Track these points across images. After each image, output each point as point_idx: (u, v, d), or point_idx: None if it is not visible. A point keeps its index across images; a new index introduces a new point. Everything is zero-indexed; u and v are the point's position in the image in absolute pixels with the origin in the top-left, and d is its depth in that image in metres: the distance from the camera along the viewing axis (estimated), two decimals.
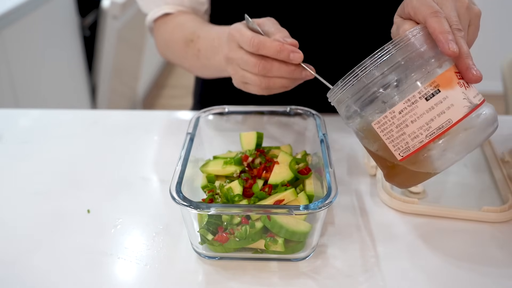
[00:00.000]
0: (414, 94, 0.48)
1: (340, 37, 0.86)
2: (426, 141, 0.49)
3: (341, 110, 0.55)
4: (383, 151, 0.52)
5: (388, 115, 0.50)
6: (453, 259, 0.58)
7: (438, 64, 0.49)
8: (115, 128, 0.89)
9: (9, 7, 1.56)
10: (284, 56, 0.60)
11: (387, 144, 0.51)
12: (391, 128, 0.50)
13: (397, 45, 0.49)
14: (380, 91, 0.50)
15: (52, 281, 0.56)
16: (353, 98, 0.52)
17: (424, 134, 0.49)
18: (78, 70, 2.12)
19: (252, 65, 0.61)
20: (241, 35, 0.62)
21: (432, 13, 0.50)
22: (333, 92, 0.54)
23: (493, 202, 0.67)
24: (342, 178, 0.73)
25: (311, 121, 0.70)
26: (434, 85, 0.48)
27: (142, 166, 0.77)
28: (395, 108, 0.49)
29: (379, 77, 0.49)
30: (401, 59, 0.49)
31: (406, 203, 0.66)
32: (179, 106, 2.85)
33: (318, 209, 0.52)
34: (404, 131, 0.49)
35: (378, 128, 0.51)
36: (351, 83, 0.51)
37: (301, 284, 0.55)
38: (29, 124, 0.91)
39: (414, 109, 0.49)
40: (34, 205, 0.68)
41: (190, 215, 0.56)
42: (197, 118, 0.70)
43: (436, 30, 0.49)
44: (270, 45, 0.59)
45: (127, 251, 0.60)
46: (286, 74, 0.62)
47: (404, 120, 0.49)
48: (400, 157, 0.51)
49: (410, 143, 0.50)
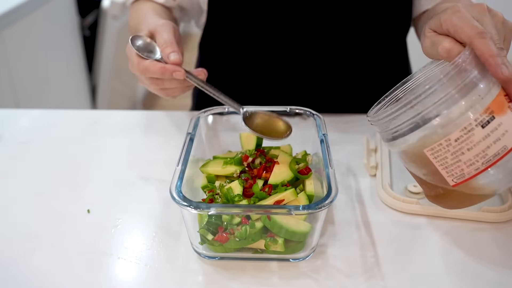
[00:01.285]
0: (471, 122, 0.48)
1: (334, 38, 0.86)
2: (482, 168, 0.49)
3: (386, 134, 0.54)
4: (433, 176, 0.52)
5: (443, 143, 0.49)
6: (453, 259, 0.58)
7: (488, 89, 0.49)
8: (115, 128, 0.89)
9: (9, 7, 1.56)
10: (168, 76, 0.65)
11: (439, 170, 0.51)
12: (446, 155, 0.49)
13: (449, 72, 0.48)
14: (435, 119, 0.49)
15: (52, 281, 0.56)
16: (404, 125, 0.51)
17: (481, 161, 0.48)
18: (78, 70, 2.12)
19: (148, 84, 0.69)
20: (130, 60, 0.69)
21: (477, 34, 0.49)
22: (379, 117, 0.53)
23: (493, 202, 0.67)
24: (342, 178, 0.73)
25: (311, 121, 0.70)
26: (489, 112, 0.48)
27: (142, 166, 0.77)
28: (451, 136, 0.49)
29: (433, 106, 0.48)
30: (454, 87, 0.48)
31: (406, 203, 0.66)
32: (179, 106, 2.85)
33: (318, 209, 0.52)
34: (459, 159, 0.49)
35: (431, 155, 0.50)
36: (403, 110, 0.50)
37: (301, 284, 0.55)
38: (29, 124, 0.91)
39: (470, 137, 0.48)
40: (34, 205, 0.68)
41: (190, 215, 0.56)
42: (197, 118, 0.70)
43: (485, 54, 0.48)
44: (153, 69, 0.65)
45: (127, 251, 0.60)
46: (178, 85, 0.68)
47: (460, 148, 0.49)
48: (453, 183, 0.51)
49: (465, 170, 0.49)
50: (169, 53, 0.65)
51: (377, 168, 0.74)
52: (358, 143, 0.82)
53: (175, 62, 0.65)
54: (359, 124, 0.87)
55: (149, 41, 0.69)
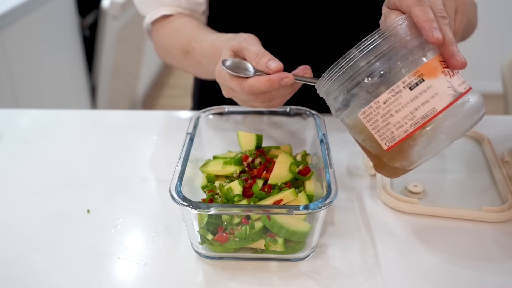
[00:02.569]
0: (398, 84, 0.48)
1: (334, 38, 0.86)
2: (411, 130, 0.49)
3: (330, 102, 0.55)
4: (370, 142, 0.52)
5: (373, 105, 0.50)
6: (453, 259, 0.58)
7: (422, 53, 0.49)
8: (115, 128, 0.89)
9: (9, 7, 1.56)
10: (277, 87, 0.60)
11: (373, 134, 0.51)
12: (377, 118, 0.50)
13: (382, 34, 0.49)
14: (365, 81, 0.50)
15: (52, 281, 0.56)
16: (339, 89, 0.52)
17: (409, 123, 0.49)
18: (78, 70, 2.12)
19: (254, 99, 0.63)
20: (228, 82, 0.63)
21: (416, 2, 0.50)
22: (320, 84, 0.54)
23: (493, 202, 0.67)
24: (342, 178, 0.73)
25: (311, 121, 0.70)
26: (418, 75, 0.48)
27: (142, 166, 0.77)
28: (379, 98, 0.49)
29: (363, 67, 0.49)
30: (385, 48, 0.49)
31: (406, 203, 0.66)
32: (179, 106, 2.85)
33: (318, 209, 0.52)
34: (389, 121, 0.49)
35: (364, 119, 0.51)
36: (336, 74, 0.51)
37: (301, 284, 0.55)
38: (29, 124, 0.91)
39: (398, 99, 0.49)
40: (34, 205, 0.68)
41: (190, 215, 0.56)
42: (197, 118, 0.70)
43: (420, 19, 0.49)
44: (259, 86, 0.60)
45: (127, 251, 0.60)
46: (286, 91, 0.63)
47: (389, 110, 0.49)
48: (386, 147, 0.51)
49: (395, 133, 0.50)
50: (266, 62, 0.60)
51: None
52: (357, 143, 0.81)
53: (277, 69, 0.60)
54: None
55: (238, 60, 0.63)
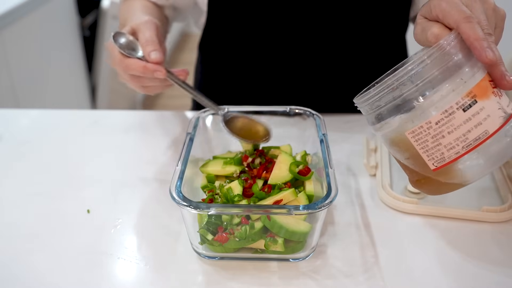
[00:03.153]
0: (452, 105, 0.47)
1: (334, 38, 0.86)
2: (462, 153, 0.48)
3: (370, 116, 0.54)
4: (414, 160, 0.52)
5: (424, 126, 0.49)
6: (453, 259, 0.58)
7: (473, 73, 0.48)
8: (115, 128, 0.89)
9: (9, 7, 1.56)
10: (149, 75, 0.65)
11: (420, 154, 0.50)
12: (426, 138, 0.49)
13: (433, 54, 0.48)
14: (416, 101, 0.49)
15: (52, 281, 0.56)
16: (387, 107, 0.51)
17: (461, 145, 0.48)
18: (78, 70, 2.12)
19: (128, 80, 0.69)
20: (112, 56, 0.69)
21: (465, 18, 0.49)
22: (364, 99, 0.53)
23: (493, 202, 0.67)
24: (342, 178, 0.73)
25: (311, 121, 0.70)
26: (471, 96, 0.47)
27: (142, 166, 0.77)
28: (431, 119, 0.48)
29: (416, 87, 0.48)
30: (439, 68, 0.48)
31: (406, 203, 0.66)
32: (179, 106, 2.85)
33: (318, 209, 0.52)
34: (440, 142, 0.49)
35: (412, 138, 0.50)
36: (385, 91, 0.50)
37: (301, 284, 0.55)
38: (29, 124, 0.91)
39: (451, 120, 0.48)
40: (34, 205, 0.68)
41: (190, 215, 0.56)
42: (197, 118, 0.70)
43: (471, 37, 0.48)
44: (135, 68, 0.65)
45: (127, 251, 0.60)
46: (158, 83, 0.69)
47: (441, 131, 0.48)
48: (433, 167, 0.50)
49: (445, 154, 0.49)
50: (150, 51, 0.65)
51: (377, 168, 0.74)
52: (358, 143, 0.82)
53: (156, 60, 0.65)
54: (359, 124, 0.87)
55: (132, 39, 0.69)
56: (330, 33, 0.86)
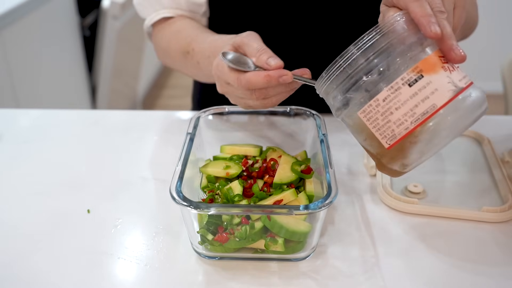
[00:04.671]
0: (397, 81, 0.48)
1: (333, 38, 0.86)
2: (411, 128, 0.48)
3: (329, 102, 0.54)
4: (371, 141, 0.52)
5: (372, 104, 0.49)
6: (453, 259, 0.58)
7: (421, 49, 0.49)
8: (115, 128, 0.89)
9: (9, 7, 1.56)
10: (275, 84, 0.59)
11: (374, 133, 0.51)
12: (377, 116, 0.50)
13: (379, 31, 0.49)
14: (364, 79, 0.49)
15: (52, 281, 0.56)
16: (338, 88, 0.51)
17: (409, 120, 0.48)
18: (78, 70, 2.12)
19: (249, 95, 0.62)
20: (225, 75, 0.62)
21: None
22: (319, 84, 0.53)
23: (493, 202, 0.67)
24: (342, 178, 0.73)
25: (311, 121, 0.70)
26: (417, 71, 0.48)
27: (142, 166, 0.77)
28: (379, 96, 0.49)
29: (361, 65, 0.49)
30: (383, 45, 0.48)
31: (406, 203, 0.66)
32: (179, 106, 2.85)
33: (318, 209, 0.52)
34: (389, 119, 0.49)
35: (364, 117, 0.51)
36: (335, 73, 0.50)
37: (301, 284, 0.55)
38: (29, 124, 0.91)
39: (397, 96, 0.48)
40: (34, 205, 0.68)
41: (190, 215, 0.56)
42: (197, 118, 0.70)
43: (418, 14, 0.49)
44: (257, 81, 0.58)
45: (127, 251, 0.60)
46: (283, 89, 0.62)
47: (389, 107, 0.49)
48: (387, 145, 0.50)
49: (396, 131, 0.49)
50: (267, 58, 0.59)
51: None
52: (358, 143, 0.81)
53: (277, 66, 0.59)
54: None
55: (239, 55, 0.62)
56: (330, 33, 0.86)
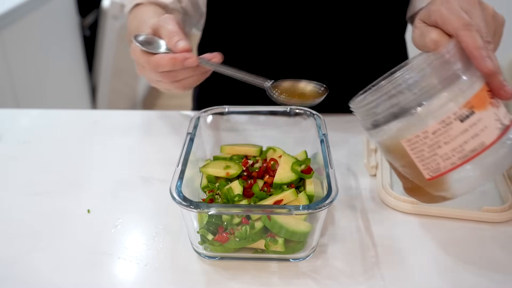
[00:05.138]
0: (449, 115, 0.47)
1: (333, 39, 0.86)
2: (458, 163, 0.48)
3: (366, 122, 0.53)
4: (409, 168, 0.51)
5: (420, 135, 0.48)
6: (453, 259, 0.58)
7: (471, 83, 0.47)
8: (115, 128, 0.89)
9: (9, 7, 1.56)
10: (180, 66, 0.62)
11: (415, 162, 0.50)
12: (423, 147, 0.49)
13: (432, 63, 0.47)
14: (414, 109, 0.48)
15: (52, 281, 0.56)
16: (383, 114, 0.50)
17: (457, 156, 0.48)
18: (78, 70, 2.12)
19: (160, 77, 0.65)
20: (139, 57, 0.65)
21: (464, 26, 0.48)
22: (360, 104, 0.52)
23: (493, 202, 0.67)
24: (342, 178, 0.73)
25: (311, 121, 0.70)
26: (469, 106, 0.47)
27: (142, 166, 0.77)
28: (428, 128, 0.48)
29: (414, 95, 0.47)
30: (436, 78, 0.47)
31: (406, 203, 0.66)
32: (179, 106, 2.85)
33: (318, 209, 0.52)
34: (436, 152, 0.48)
35: (408, 146, 0.50)
36: (382, 98, 0.49)
37: (301, 284, 0.55)
38: (29, 124, 0.91)
39: (448, 131, 0.47)
40: (34, 205, 0.68)
41: (190, 215, 0.56)
42: (197, 118, 0.70)
43: (470, 46, 0.47)
44: (164, 62, 0.61)
45: (127, 251, 0.60)
46: (192, 73, 0.65)
47: (437, 141, 0.48)
48: (428, 176, 0.50)
49: (441, 164, 0.48)
50: (176, 41, 0.62)
51: (377, 168, 0.74)
52: (358, 143, 0.82)
53: (184, 49, 0.61)
54: (359, 124, 0.87)
55: (151, 37, 0.66)
56: (330, 34, 0.86)
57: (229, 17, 0.86)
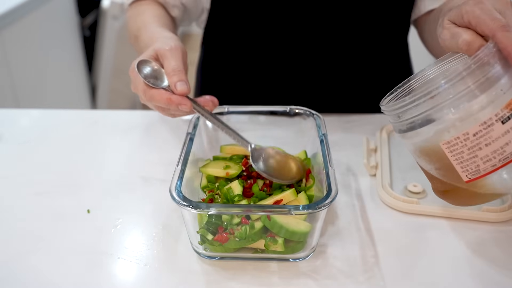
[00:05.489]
0: (491, 117, 0.47)
1: (335, 38, 0.86)
2: (499, 165, 0.48)
3: (399, 124, 0.53)
4: (445, 171, 0.51)
5: (461, 137, 0.48)
6: (453, 259, 0.58)
7: (511, 84, 0.47)
8: (115, 128, 0.89)
9: (9, 7, 1.56)
10: (174, 108, 0.62)
11: (454, 165, 0.50)
12: (462, 150, 0.48)
13: (470, 66, 0.47)
14: (453, 112, 0.47)
15: (52, 281, 0.56)
16: (421, 116, 0.49)
17: (498, 158, 0.47)
18: (78, 70, 2.12)
19: (152, 106, 0.66)
20: (135, 85, 0.66)
21: (501, 27, 0.47)
22: (396, 106, 0.51)
23: (493, 202, 0.67)
24: (342, 178, 0.73)
25: (311, 121, 0.70)
26: (510, 107, 0.46)
27: (142, 166, 0.77)
28: (469, 130, 0.47)
29: (452, 99, 0.47)
30: (476, 80, 0.47)
31: (406, 203, 0.66)
32: None
33: (318, 209, 0.52)
34: (476, 154, 0.48)
35: (447, 149, 0.49)
36: (421, 100, 0.49)
37: (301, 284, 0.55)
38: (29, 124, 0.91)
39: (489, 132, 0.47)
40: (34, 205, 0.68)
41: (190, 215, 0.56)
42: (197, 118, 0.70)
43: (509, 47, 0.46)
44: (159, 99, 0.62)
45: (127, 251, 0.60)
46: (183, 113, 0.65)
47: (478, 143, 0.47)
48: (467, 179, 0.50)
49: (481, 166, 0.48)
50: (176, 82, 0.62)
51: (377, 168, 0.74)
52: (358, 143, 0.81)
53: (182, 92, 0.62)
54: (359, 124, 0.87)
55: (157, 68, 0.65)
56: (331, 33, 0.86)
57: (234, 12, 0.85)
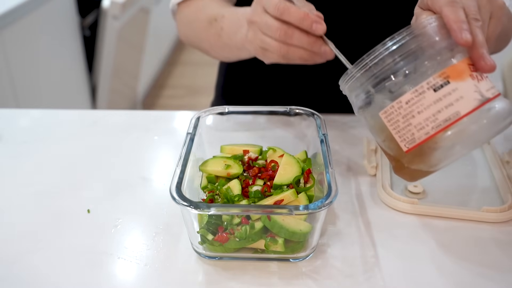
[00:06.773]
0: (422, 85, 0.47)
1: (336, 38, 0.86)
2: (432, 133, 0.48)
3: (352, 100, 0.54)
4: (389, 142, 0.52)
5: (395, 105, 0.49)
6: (453, 260, 0.58)
7: (450, 55, 0.48)
8: (115, 128, 0.89)
9: (9, 7, 1.56)
10: (307, 25, 0.59)
11: (393, 134, 0.50)
12: (398, 118, 0.49)
13: (409, 33, 0.48)
14: (389, 80, 0.49)
15: (52, 281, 0.56)
16: (362, 87, 0.50)
17: (431, 125, 0.48)
18: (78, 70, 2.12)
19: (274, 29, 0.60)
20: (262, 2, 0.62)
21: (448, 2, 0.49)
22: (343, 80, 0.53)
23: (493, 202, 0.67)
24: (342, 178, 0.73)
25: (311, 121, 0.70)
26: (444, 76, 0.47)
27: (142, 166, 0.77)
28: (402, 98, 0.48)
29: (388, 66, 0.48)
30: (412, 47, 0.48)
31: (406, 203, 0.66)
32: (179, 106, 2.85)
33: (318, 209, 0.52)
34: (410, 122, 0.48)
35: (385, 118, 0.50)
36: (360, 71, 0.50)
37: (301, 284, 0.55)
38: (29, 124, 0.91)
39: (421, 100, 0.48)
40: (34, 205, 0.68)
41: (190, 215, 0.56)
42: (197, 118, 0.70)
43: (450, 19, 0.48)
44: (294, 12, 0.59)
45: (127, 251, 0.60)
46: (306, 44, 0.61)
47: (411, 110, 0.48)
48: (406, 148, 0.50)
49: (416, 135, 0.49)
50: (311, 9, 0.61)
51: (377, 168, 0.74)
52: (358, 143, 0.82)
53: (319, 15, 0.59)
54: (359, 124, 0.87)
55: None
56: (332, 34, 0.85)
57: None
